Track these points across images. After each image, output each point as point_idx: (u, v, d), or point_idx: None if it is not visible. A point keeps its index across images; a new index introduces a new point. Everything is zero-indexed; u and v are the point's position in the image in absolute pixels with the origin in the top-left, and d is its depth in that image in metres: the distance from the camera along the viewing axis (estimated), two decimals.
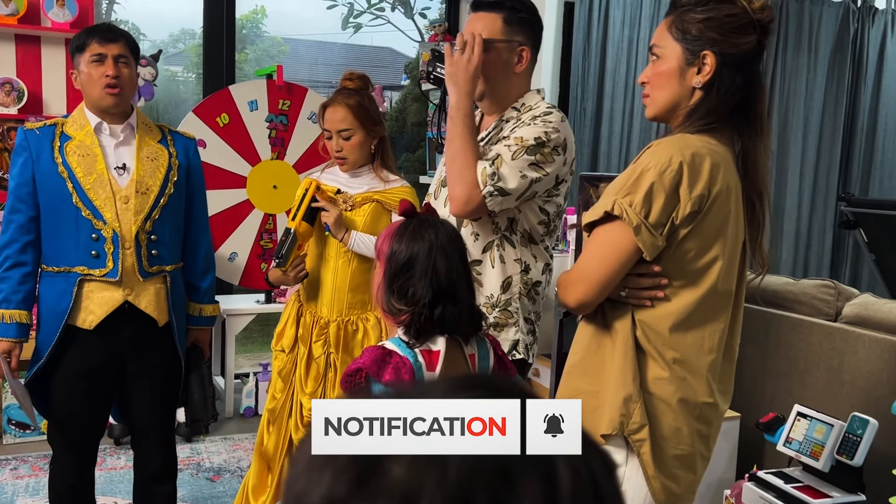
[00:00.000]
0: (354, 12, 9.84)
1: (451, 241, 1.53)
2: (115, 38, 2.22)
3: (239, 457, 3.57)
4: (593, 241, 1.46)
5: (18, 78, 3.71)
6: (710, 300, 1.43)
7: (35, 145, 2.19)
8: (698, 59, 1.44)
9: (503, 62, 1.96)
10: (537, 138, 1.83)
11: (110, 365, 2.27)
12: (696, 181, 1.37)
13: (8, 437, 3.58)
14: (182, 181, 2.34)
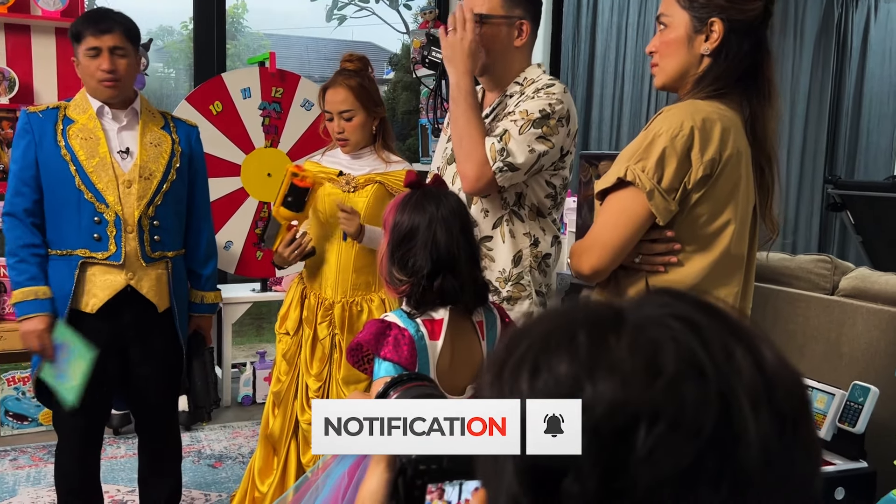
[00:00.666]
0: (339, 4, 9.82)
1: (454, 213, 1.53)
2: (110, 28, 2.19)
3: (239, 444, 3.57)
4: (606, 208, 1.47)
5: (9, 67, 3.67)
6: (723, 264, 1.45)
7: (38, 128, 2.18)
8: (706, 26, 1.45)
9: (503, 37, 1.97)
10: (542, 111, 1.85)
11: (113, 349, 2.26)
12: (707, 145, 1.39)
13: (6, 429, 3.56)
14: (185, 168, 2.34)
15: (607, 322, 0.47)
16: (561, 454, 0.44)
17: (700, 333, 0.45)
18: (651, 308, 0.47)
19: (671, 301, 0.48)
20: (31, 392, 3.54)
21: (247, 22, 11.66)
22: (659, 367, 0.43)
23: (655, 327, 0.45)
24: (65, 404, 2.21)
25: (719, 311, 0.49)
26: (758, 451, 0.43)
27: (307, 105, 4.14)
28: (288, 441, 2.60)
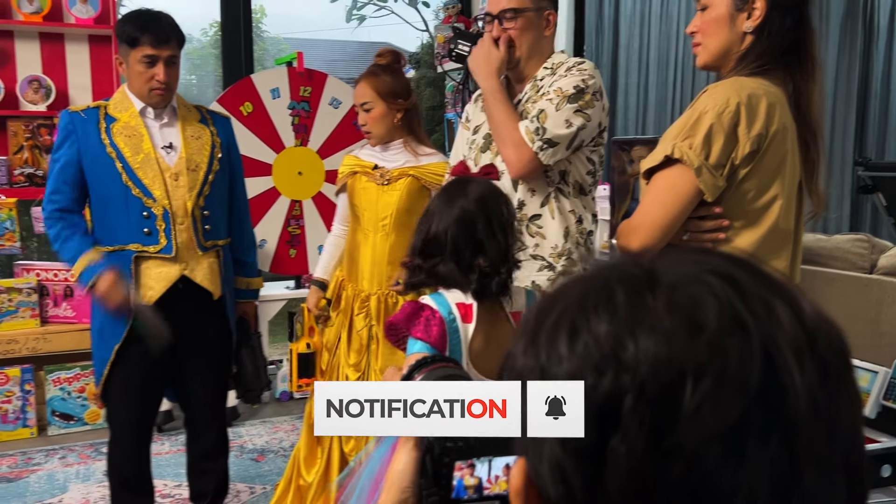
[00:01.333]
0: (358, 4, 9.87)
1: (476, 209, 1.54)
2: (167, 39, 2.24)
3: (280, 438, 3.62)
4: (654, 187, 1.48)
5: (45, 75, 3.75)
6: (771, 239, 1.46)
7: (81, 127, 2.24)
8: (748, 3, 1.47)
9: (534, 28, 2.04)
10: (576, 86, 1.92)
11: (168, 342, 2.32)
12: (753, 121, 1.39)
13: (53, 429, 3.64)
14: (225, 158, 2.40)
15: (643, 281, 0.46)
16: (609, 415, 0.43)
17: (738, 288, 0.45)
18: (685, 266, 0.47)
19: (704, 258, 0.48)
20: (79, 392, 3.63)
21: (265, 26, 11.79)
22: (700, 323, 0.43)
23: (693, 284, 0.45)
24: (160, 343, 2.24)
25: (754, 265, 0.48)
26: (805, 402, 0.42)
27: (335, 103, 4.18)
28: None
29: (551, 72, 2.04)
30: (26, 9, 3.64)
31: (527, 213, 2.03)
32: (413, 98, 2.61)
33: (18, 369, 3.58)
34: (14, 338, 3.56)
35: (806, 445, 0.42)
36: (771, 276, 0.47)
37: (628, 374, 0.43)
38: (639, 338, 0.43)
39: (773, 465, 0.42)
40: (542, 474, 0.46)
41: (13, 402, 3.57)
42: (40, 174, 3.70)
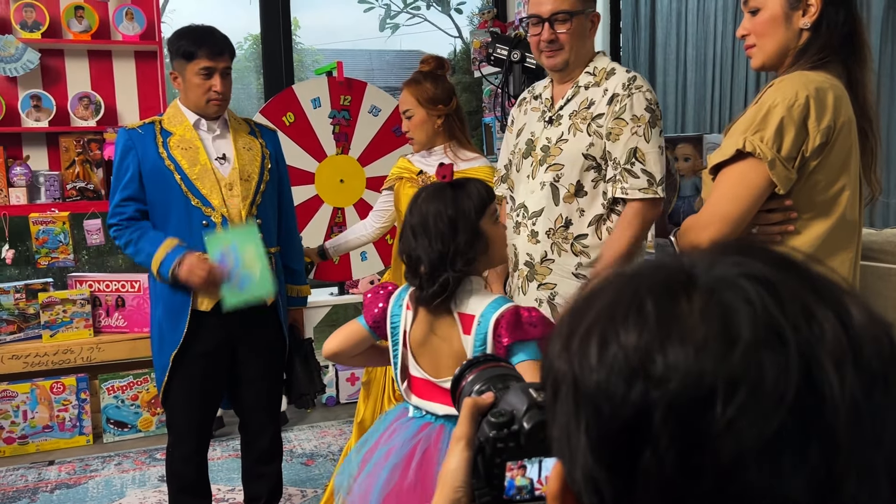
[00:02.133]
0: (391, 13, 9.96)
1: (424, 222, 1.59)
2: (222, 51, 2.33)
3: (328, 442, 3.66)
4: (724, 182, 1.49)
5: (94, 91, 3.85)
6: (839, 229, 1.47)
7: (139, 143, 2.31)
8: (802, 1, 1.48)
9: (582, 30, 2.08)
10: (647, 108, 1.99)
11: (225, 347, 2.38)
12: (822, 114, 1.41)
13: (108, 436, 3.73)
14: (274, 169, 2.46)
15: (677, 286, 0.44)
16: (639, 429, 0.42)
17: (777, 293, 0.43)
18: (723, 267, 0.45)
19: (744, 259, 0.45)
20: (132, 399, 3.71)
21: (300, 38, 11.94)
22: (735, 334, 0.41)
23: (729, 290, 0.43)
24: (269, 295, 2.32)
25: (797, 265, 0.46)
26: (846, 413, 0.41)
27: (374, 111, 4.23)
28: None
29: (595, 80, 2.06)
30: (76, 28, 3.75)
31: (573, 233, 2.04)
32: (454, 103, 2.64)
33: (74, 378, 3.67)
34: (69, 348, 3.66)
35: (846, 456, 0.41)
36: (817, 278, 0.45)
37: (658, 389, 0.42)
38: (668, 350, 0.42)
39: (811, 475, 0.41)
40: (576, 481, 0.46)
41: (69, 410, 3.67)
42: (91, 188, 3.80)
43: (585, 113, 2.03)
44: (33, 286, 3.75)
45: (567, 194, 2.04)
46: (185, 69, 2.32)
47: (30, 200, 3.73)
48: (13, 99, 3.71)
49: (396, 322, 1.66)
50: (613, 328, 0.45)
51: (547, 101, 2.16)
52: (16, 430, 3.60)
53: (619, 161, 1.97)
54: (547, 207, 2.06)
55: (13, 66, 3.62)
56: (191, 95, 2.34)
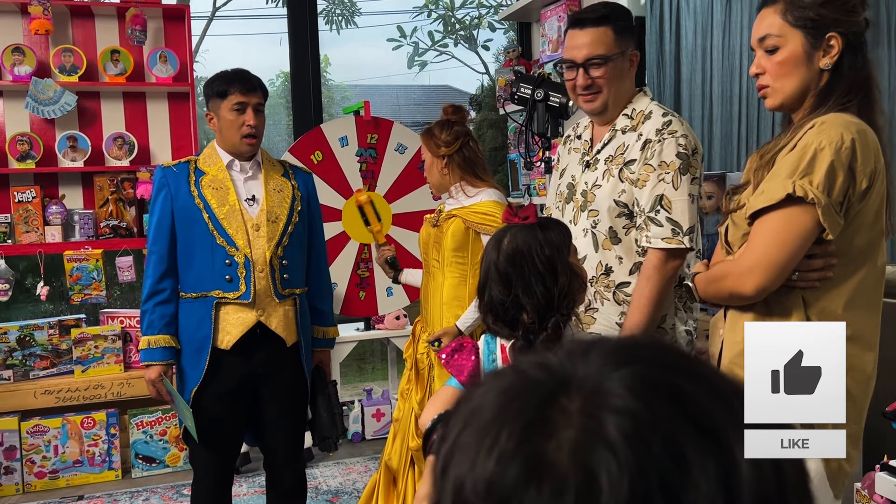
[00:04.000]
0: (420, 51, 10.12)
1: (510, 261, 1.49)
2: (254, 88, 2.41)
3: (353, 479, 3.66)
4: (768, 227, 1.43)
5: (128, 132, 3.96)
6: (873, 275, 1.46)
7: (173, 181, 2.38)
8: (823, 41, 1.46)
9: (619, 72, 1.99)
10: (678, 154, 1.88)
11: (247, 386, 2.41)
12: (867, 157, 1.39)
13: (137, 471, 3.76)
14: (304, 211, 2.50)
15: (537, 420, 0.40)
16: None
17: (649, 441, 0.38)
18: (597, 403, 0.40)
19: (632, 382, 0.41)
20: (161, 435, 3.75)
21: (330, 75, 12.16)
22: (595, 493, 0.38)
23: (595, 443, 0.39)
24: (193, 436, 2.39)
25: (686, 394, 0.41)
26: None
27: (401, 149, 4.29)
28: (406, 471, 2.68)
29: (632, 124, 1.98)
30: (111, 71, 3.86)
31: (614, 280, 1.97)
32: (457, 145, 2.66)
33: (104, 413, 3.72)
34: (100, 383, 3.72)
35: None
36: (706, 410, 0.40)
37: None
38: (525, 498, 0.39)
39: None
40: None
41: (99, 445, 3.72)
42: (124, 226, 3.88)
43: (620, 158, 1.97)
44: (66, 322, 3.83)
45: (605, 241, 1.98)
46: (220, 107, 2.39)
47: (65, 238, 3.82)
48: (51, 140, 3.83)
49: None
50: (467, 455, 0.42)
51: (586, 144, 2.11)
52: (47, 465, 3.65)
53: (644, 208, 1.91)
54: (589, 255, 1.99)
55: (51, 108, 3.74)
56: (225, 133, 2.40)
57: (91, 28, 3.93)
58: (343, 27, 9.75)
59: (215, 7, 9.06)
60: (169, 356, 2.38)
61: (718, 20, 4.95)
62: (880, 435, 2.64)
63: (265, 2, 8.97)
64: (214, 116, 2.42)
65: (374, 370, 6.06)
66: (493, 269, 1.48)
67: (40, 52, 3.83)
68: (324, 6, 9.39)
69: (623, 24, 1.99)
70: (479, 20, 9.69)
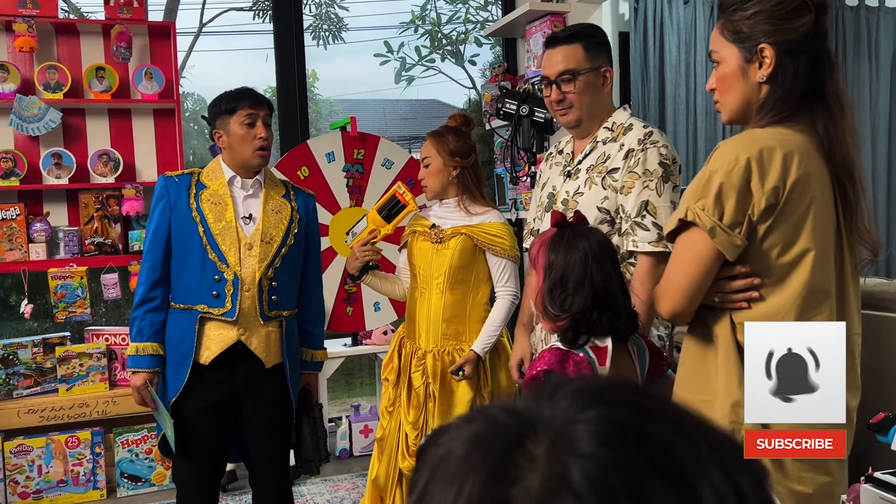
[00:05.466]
0: (407, 66, 10.15)
1: (603, 249, 1.61)
2: (262, 102, 2.43)
3: (341, 496, 3.64)
4: (675, 250, 1.46)
5: (113, 149, 3.95)
6: (808, 293, 1.40)
7: (174, 191, 2.38)
8: (756, 54, 1.43)
9: (591, 87, 2.09)
10: (661, 163, 1.98)
11: (229, 402, 2.40)
12: (766, 174, 1.36)
13: (122, 490, 3.73)
14: (301, 233, 2.50)
15: (503, 466, 0.40)
16: None
17: (614, 487, 0.38)
18: (561, 445, 0.40)
19: (597, 426, 0.40)
20: (146, 453, 3.72)
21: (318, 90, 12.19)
22: None
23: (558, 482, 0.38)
24: (171, 446, 2.38)
25: (651, 437, 0.40)
26: None
27: (387, 164, 4.29)
28: (393, 489, 2.67)
29: (612, 136, 2.07)
30: (97, 88, 3.86)
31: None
32: (472, 159, 2.68)
33: (89, 432, 3.69)
34: (85, 401, 3.69)
35: None
36: (667, 451, 0.40)
37: None
38: None
39: None
40: None
41: (84, 464, 3.68)
42: (109, 243, 3.87)
43: (601, 167, 2.05)
44: (51, 340, 3.80)
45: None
46: (229, 123, 2.39)
47: (49, 256, 3.80)
48: (35, 157, 3.81)
49: None
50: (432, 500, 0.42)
51: (567, 156, 2.21)
52: (30, 485, 3.61)
53: (630, 214, 1.98)
54: None
55: (36, 125, 3.73)
56: (237, 148, 2.39)
57: (76, 45, 3.93)
58: (330, 42, 9.76)
59: (202, 23, 9.06)
60: (156, 364, 2.37)
61: (702, 35, 5.00)
62: (865, 447, 2.65)
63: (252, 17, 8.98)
64: (224, 133, 2.41)
65: (361, 385, 6.05)
66: (593, 257, 1.56)
67: (25, 69, 3.82)
68: (310, 21, 9.40)
69: (595, 42, 2.09)
70: (465, 35, 9.75)
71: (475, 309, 2.64)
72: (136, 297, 2.39)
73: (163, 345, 2.39)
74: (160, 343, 2.38)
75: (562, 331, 1.58)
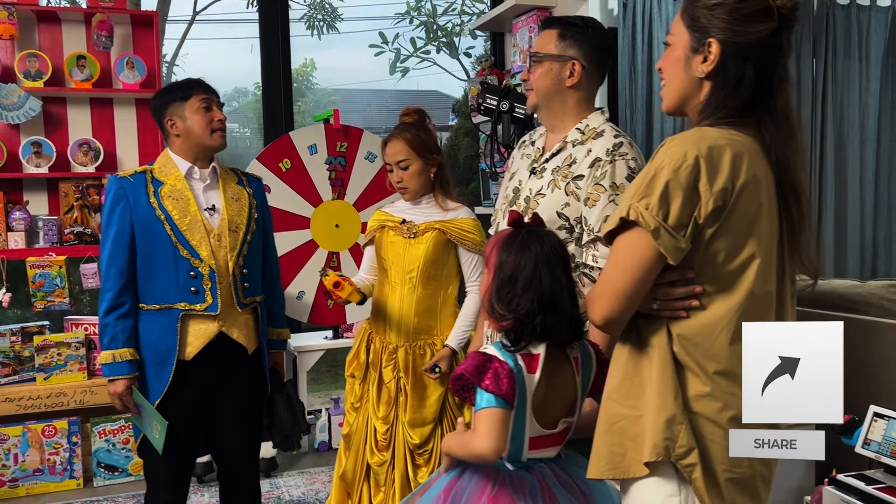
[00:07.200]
0: (401, 57, 10.12)
1: (556, 253, 1.60)
2: (213, 90, 2.46)
3: (317, 489, 3.65)
4: (614, 252, 1.35)
5: (94, 138, 3.94)
6: (750, 303, 1.32)
7: (132, 192, 2.34)
8: (704, 46, 1.36)
9: (554, 76, 2.01)
10: (629, 177, 1.89)
11: (203, 394, 2.40)
12: (716, 175, 1.27)
13: (98, 480, 3.73)
14: (259, 219, 2.51)
15: None
16: None
17: None
18: None
19: None
20: (123, 443, 3.73)
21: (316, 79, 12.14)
22: None
23: None
24: (157, 449, 2.35)
25: None
26: None
27: (371, 157, 4.28)
28: (360, 484, 2.67)
29: (582, 139, 1.98)
30: (77, 76, 3.84)
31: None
32: (443, 154, 2.69)
33: (66, 422, 3.69)
34: (63, 391, 3.69)
35: None
36: None
37: None
38: None
39: None
40: None
41: (60, 453, 3.68)
42: (89, 232, 3.86)
43: (567, 171, 1.97)
44: (29, 329, 3.80)
45: None
46: (184, 109, 2.38)
47: (28, 244, 3.79)
48: (15, 145, 3.80)
49: (523, 392, 1.53)
50: None
51: (538, 151, 2.13)
52: (6, 474, 3.61)
53: (593, 228, 1.90)
54: None
55: (15, 113, 3.71)
56: (193, 132, 2.38)
57: (58, 33, 3.91)
58: (325, 32, 9.73)
59: (195, 11, 9.03)
60: (134, 369, 2.34)
61: None
62: (830, 449, 2.65)
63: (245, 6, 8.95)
64: (178, 120, 2.39)
65: (341, 378, 6.05)
66: (543, 260, 1.55)
67: (5, 57, 3.80)
68: (304, 11, 9.37)
69: (574, 32, 1.99)
70: (460, 27, 9.72)
71: (446, 304, 2.64)
72: (105, 304, 2.34)
73: (137, 349, 2.37)
74: (134, 347, 2.35)
75: (505, 331, 1.57)
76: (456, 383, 1.58)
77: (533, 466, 1.62)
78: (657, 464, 1.30)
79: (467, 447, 1.55)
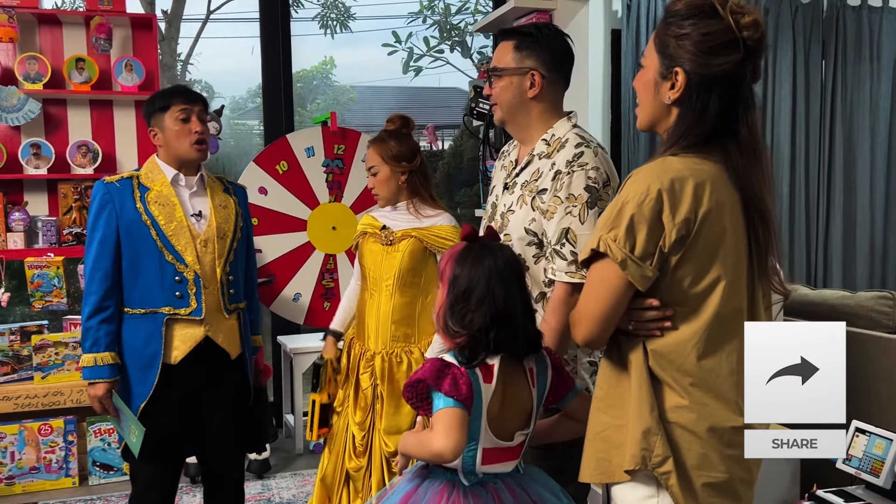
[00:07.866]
0: (414, 56, 10.11)
1: (510, 267, 1.59)
2: (196, 98, 2.44)
3: (308, 492, 3.66)
4: (588, 279, 1.45)
5: (93, 140, 3.97)
6: (719, 321, 1.38)
7: (118, 198, 2.36)
8: (671, 73, 1.40)
9: (514, 88, 1.96)
10: (587, 187, 1.84)
11: (189, 398, 2.41)
12: (678, 206, 1.34)
13: (94, 478, 3.77)
14: (244, 227, 2.54)
15: None
16: None
17: None
18: None
19: None
20: (117, 443, 3.76)
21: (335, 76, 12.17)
22: None
23: None
24: (133, 452, 2.36)
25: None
26: None
27: None
28: (340, 489, 2.67)
29: (548, 151, 1.95)
30: (76, 79, 3.88)
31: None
32: (418, 161, 2.67)
33: (62, 420, 3.74)
34: (59, 390, 3.73)
35: None
36: None
37: None
38: None
39: None
40: None
41: (56, 452, 3.73)
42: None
43: (533, 185, 1.94)
44: (28, 328, 3.84)
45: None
46: (164, 120, 2.39)
47: (27, 245, 3.83)
48: (15, 147, 3.85)
49: (479, 401, 1.54)
50: None
51: (511, 164, 2.10)
52: (3, 471, 3.66)
53: (551, 241, 1.87)
54: None
55: (14, 115, 3.76)
56: (173, 144, 2.39)
57: (58, 36, 3.95)
58: (338, 31, 9.75)
59: (209, 10, 9.09)
60: (116, 373, 2.36)
61: None
62: (812, 464, 2.61)
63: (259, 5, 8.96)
64: (158, 131, 2.41)
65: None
66: (495, 275, 1.55)
67: (5, 59, 3.85)
68: (318, 10, 9.39)
69: (530, 42, 1.94)
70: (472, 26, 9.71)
71: (424, 311, 2.63)
72: (88, 307, 2.35)
73: (120, 353, 2.38)
74: (116, 352, 2.37)
75: (459, 348, 1.56)
76: (411, 390, 1.57)
77: (488, 482, 1.61)
78: (635, 472, 1.39)
79: (425, 446, 1.54)
